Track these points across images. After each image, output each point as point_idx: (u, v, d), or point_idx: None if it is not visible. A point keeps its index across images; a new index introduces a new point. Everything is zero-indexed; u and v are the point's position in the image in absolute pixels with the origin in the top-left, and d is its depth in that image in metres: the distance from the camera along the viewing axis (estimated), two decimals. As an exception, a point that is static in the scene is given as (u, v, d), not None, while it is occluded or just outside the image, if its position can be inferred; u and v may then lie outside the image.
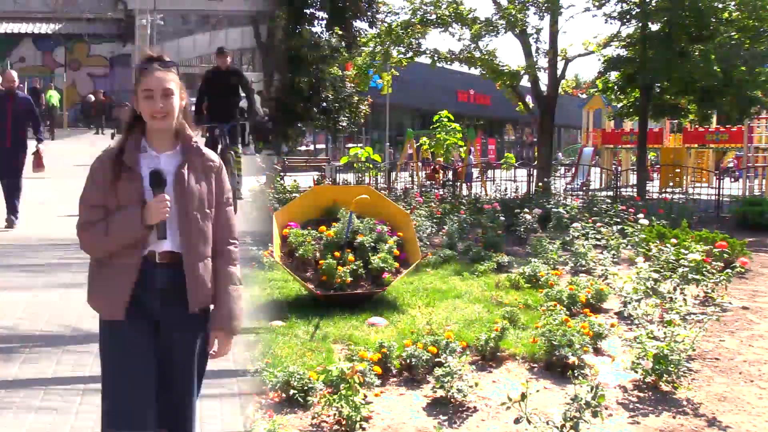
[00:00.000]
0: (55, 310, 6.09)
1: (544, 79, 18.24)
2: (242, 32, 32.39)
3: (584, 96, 39.62)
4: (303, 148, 35.58)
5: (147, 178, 2.71)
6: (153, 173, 2.69)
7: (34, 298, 6.48)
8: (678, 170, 22.56)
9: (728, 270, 6.79)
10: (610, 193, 17.31)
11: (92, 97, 29.57)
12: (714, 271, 7.08)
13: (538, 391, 4.67)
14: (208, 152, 2.89)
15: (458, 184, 18.79)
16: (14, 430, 3.92)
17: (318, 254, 6.88)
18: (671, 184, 22.24)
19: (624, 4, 17.22)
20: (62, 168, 14.47)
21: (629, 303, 6.47)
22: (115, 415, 2.72)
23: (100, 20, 29.26)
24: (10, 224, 9.80)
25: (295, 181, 15.74)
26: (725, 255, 8.19)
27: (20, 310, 6.12)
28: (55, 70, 30.97)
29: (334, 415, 4.17)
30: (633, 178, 22.01)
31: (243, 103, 22.72)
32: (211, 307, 2.87)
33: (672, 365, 4.82)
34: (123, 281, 2.70)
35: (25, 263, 7.89)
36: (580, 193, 18.14)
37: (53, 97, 27.59)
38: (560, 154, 45.87)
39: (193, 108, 10.04)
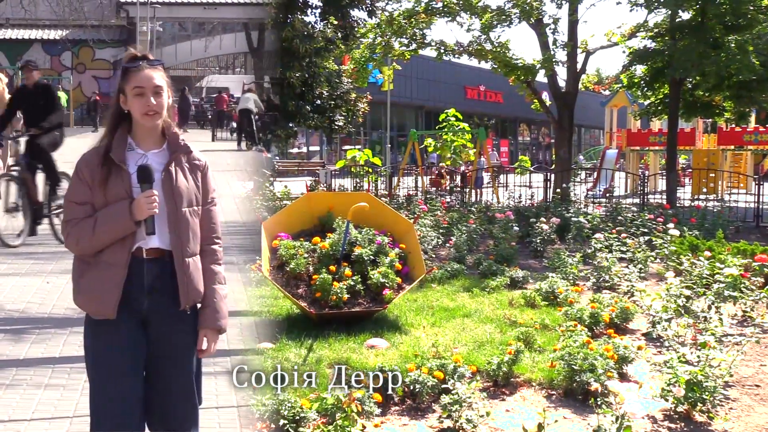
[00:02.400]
0: (63, 295, 6.99)
1: (562, 73, 18.36)
2: (235, 37, 37.71)
3: (607, 92, 39.71)
4: (295, 150, 35.73)
5: (135, 175, 2.92)
6: (141, 168, 2.91)
7: (44, 283, 7.52)
8: (712, 175, 22.59)
9: (769, 286, 6.78)
10: (637, 201, 17.33)
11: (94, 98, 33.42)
12: (753, 287, 7.07)
13: (556, 421, 4.66)
14: (195, 151, 3.09)
15: (467, 190, 18.83)
16: (25, 405, 4.67)
17: (311, 268, 6.88)
18: (705, 190, 22.23)
19: (651, -9, 17.29)
20: (67, 163, 16.22)
21: (658, 323, 6.45)
22: (103, 416, 2.91)
23: (104, 27, 34.36)
24: None
25: (286, 186, 15.78)
26: (766, 269, 8.19)
27: (30, 295, 7.14)
28: (62, 73, 35.37)
29: (329, 448, 4.16)
30: (662, 184, 22.05)
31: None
32: (198, 305, 3.07)
33: (707, 393, 4.81)
34: (113, 279, 2.89)
35: (34, 251, 8.99)
36: (603, 200, 18.16)
37: (60, 98, 30.23)
38: (581, 156, 45.96)
39: None
